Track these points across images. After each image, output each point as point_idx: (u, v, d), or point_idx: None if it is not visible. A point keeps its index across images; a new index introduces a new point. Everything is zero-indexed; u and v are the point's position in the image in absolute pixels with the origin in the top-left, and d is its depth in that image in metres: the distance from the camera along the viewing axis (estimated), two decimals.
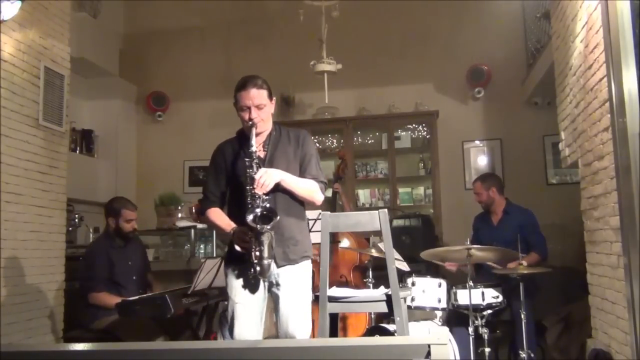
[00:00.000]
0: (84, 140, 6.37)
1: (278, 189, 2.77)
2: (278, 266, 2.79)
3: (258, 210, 2.62)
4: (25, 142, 4.08)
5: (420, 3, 6.40)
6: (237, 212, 2.80)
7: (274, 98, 2.93)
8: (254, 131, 2.76)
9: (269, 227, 2.61)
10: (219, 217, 2.93)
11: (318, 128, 6.44)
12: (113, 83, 6.74)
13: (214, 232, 5.60)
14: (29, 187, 4.09)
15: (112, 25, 6.91)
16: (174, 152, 6.90)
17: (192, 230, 5.64)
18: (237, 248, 2.73)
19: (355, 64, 6.27)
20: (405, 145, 6.39)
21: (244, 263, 2.76)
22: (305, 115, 6.63)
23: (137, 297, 3.80)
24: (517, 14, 6.18)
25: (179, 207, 6.00)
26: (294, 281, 2.80)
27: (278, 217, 2.63)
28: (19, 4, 3.74)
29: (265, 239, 2.62)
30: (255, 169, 2.71)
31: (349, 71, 5.96)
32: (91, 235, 5.97)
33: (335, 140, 6.59)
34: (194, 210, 5.84)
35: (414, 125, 6.44)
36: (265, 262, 2.62)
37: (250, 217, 2.60)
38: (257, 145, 2.81)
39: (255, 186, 2.65)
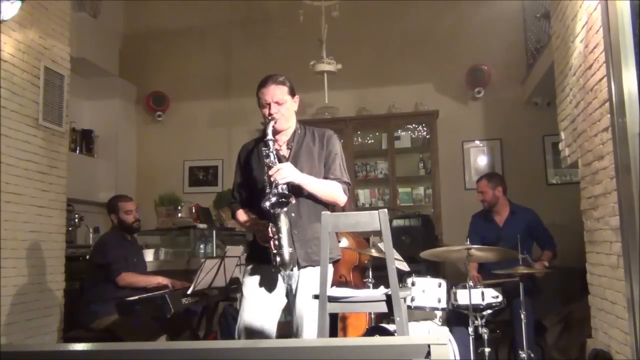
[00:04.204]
0: (84, 140, 6.37)
1: (302, 194, 2.75)
2: (300, 267, 2.76)
3: (273, 198, 2.58)
4: (25, 142, 4.08)
5: (420, 3, 6.40)
6: (258, 208, 2.74)
7: (297, 96, 2.91)
8: (271, 124, 2.74)
9: (284, 210, 2.58)
10: (243, 217, 2.94)
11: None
12: (113, 83, 6.74)
13: (214, 232, 5.60)
14: (29, 187, 4.09)
15: (112, 25, 6.91)
16: (174, 152, 6.91)
17: (192, 230, 5.65)
18: (261, 241, 2.70)
19: (355, 64, 6.28)
20: (405, 145, 6.39)
21: (261, 262, 2.76)
22: (305, 115, 6.59)
23: (137, 297, 3.81)
24: (517, 14, 6.18)
25: (179, 207, 6.00)
26: (313, 284, 2.71)
27: (293, 200, 2.59)
28: (19, 4, 3.74)
29: (283, 225, 2.59)
30: (272, 158, 2.67)
31: (349, 71, 5.96)
32: (91, 235, 5.97)
33: None
34: (194, 210, 5.85)
35: (414, 125, 6.44)
36: (285, 251, 2.58)
37: (266, 204, 2.57)
38: (281, 144, 2.81)
39: (271, 174, 2.62)
